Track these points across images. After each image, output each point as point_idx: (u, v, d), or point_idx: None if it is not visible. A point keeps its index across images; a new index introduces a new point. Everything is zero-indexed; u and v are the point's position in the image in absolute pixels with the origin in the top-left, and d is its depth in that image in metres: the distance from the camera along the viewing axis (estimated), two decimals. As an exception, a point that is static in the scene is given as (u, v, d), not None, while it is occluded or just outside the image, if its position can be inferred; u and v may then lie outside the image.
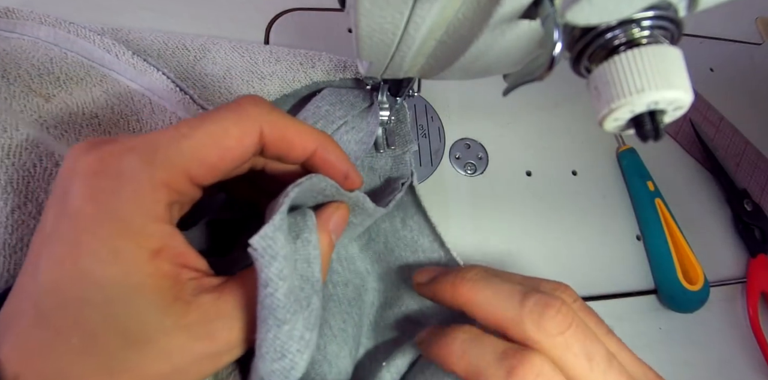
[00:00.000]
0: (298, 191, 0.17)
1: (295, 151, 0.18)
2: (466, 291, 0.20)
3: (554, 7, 0.13)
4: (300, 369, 0.16)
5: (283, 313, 0.15)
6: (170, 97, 0.26)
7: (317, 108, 0.29)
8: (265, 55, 0.30)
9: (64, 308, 0.14)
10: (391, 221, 0.28)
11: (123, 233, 0.14)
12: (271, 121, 0.17)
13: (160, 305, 0.15)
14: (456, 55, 0.18)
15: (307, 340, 0.16)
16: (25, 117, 0.22)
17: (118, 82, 0.26)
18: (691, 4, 0.14)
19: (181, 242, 0.16)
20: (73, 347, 0.14)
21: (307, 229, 0.18)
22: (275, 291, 0.15)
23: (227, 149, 0.16)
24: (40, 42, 0.26)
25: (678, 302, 0.34)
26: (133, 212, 0.15)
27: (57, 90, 0.24)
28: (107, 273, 0.14)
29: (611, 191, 0.38)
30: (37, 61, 0.25)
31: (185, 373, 0.15)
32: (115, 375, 0.14)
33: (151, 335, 0.14)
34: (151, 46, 0.28)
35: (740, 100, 0.48)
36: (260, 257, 0.15)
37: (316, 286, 0.18)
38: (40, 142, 0.22)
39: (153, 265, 0.15)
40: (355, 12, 0.16)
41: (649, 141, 0.14)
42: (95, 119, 0.24)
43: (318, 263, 0.18)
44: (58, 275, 0.14)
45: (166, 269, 0.15)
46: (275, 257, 0.15)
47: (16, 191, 0.20)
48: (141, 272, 0.14)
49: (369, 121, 0.30)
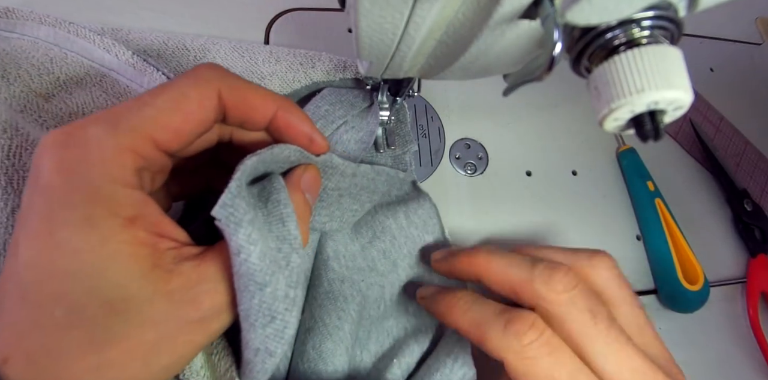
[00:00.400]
0: (256, 160, 0.17)
1: (256, 113, 0.19)
2: (482, 260, 0.22)
3: (554, 7, 0.13)
4: (292, 328, 0.16)
5: (262, 276, 0.15)
6: None
7: (317, 108, 0.29)
8: (265, 55, 0.30)
9: (44, 281, 0.14)
10: (395, 218, 0.28)
11: (93, 199, 0.14)
12: (229, 84, 0.17)
13: (140, 272, 0.15)
14: (456, 55, 0.18)
15: (293, 298, 0.16)
16: (25, 117, 0.22)
17: (118, 82, 0.26)
18: (691, 4, 0.14)
19: (156, 211, 0.16)
20: (57, 321, 0.14)
21: (275, 190, 0.18)
22: (249, 256, 0.15)
23: (188, 112, 0.16)
24: (40, 42, 0.26)
25: (678, 302, 0.34)
26: (101, 178, 0.15)
27: (57, 90, 0.24)
28: (82, 242, 0.14)
29: (611, 191, 0.38)
30: (37, 61, 0.25)
31: (174, 340, 0.15)
32: (103, 347, 0.14)
33: (133, 303, 0.14)
34: (151, 46, 0.28)
35: (740, 100, 0.48)
36: (225, 226, 0.15)
37: (294, 244, 0.18)
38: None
39: (129, 233, 0.15)
40: (355, 12, 0.16)
41: (649, 141, 0.14)
42: None
43: (293, 221, 0.18)
44: (36, 249, 0.14)
45: (142, 237, 0.15)
46: (240, 224, 0.15)
47: (16, 191, 0.20)
48: (117, 240, 0.14)
49: (369, 120, 0.30)
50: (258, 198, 0.18)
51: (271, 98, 0.19)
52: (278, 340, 0.16)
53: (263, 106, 0.19)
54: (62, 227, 0.14)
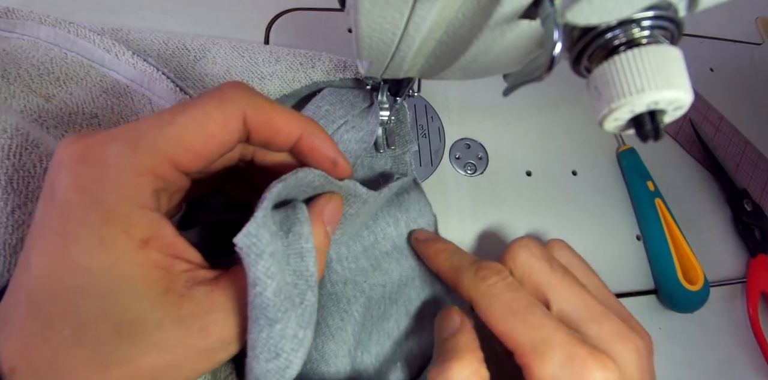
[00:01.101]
0: (282, 186, 0.17)
1: (280, 136, 0.18)
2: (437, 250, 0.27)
3: (554, 7, 0.13)
4: (295, 368, 0.16)
5: (274, 312, 0.15)
6: (170, 97, 0.26)
7: (317, 108, 0.29)
8: (265, 55, 0.30)
9: (56, 298, 0.14)
10: (397, 226, 0.28)
11: (109, 220, 0.14)
12: (254, 105, 0.17)
13: (151, 296, 0.14)
14: (456, 55, 0.18)
15: (301, 338, 0.16)
16: (25, 117, 0.22)
17: (118, 82, 0.26)
18: (691, 4, 0.14)
19: (171, 232, 0.16)
20: (65, 338, 0.14)
21: (298, 222, 0.18)
22: (264, 290, 0.15)
23: (211, 134, 0.16)
24: (40, 42, 0.26)
25: (678, 302, 0.34)
26: (118, 199, 0.14)
27: (57, 90, 0.24)
28: (96, 262, 0.14)
29: (611, 191, 0.38)
30: (37, 61, 0.25)
31: (179, 368, 0.15)
32: (108, 368, 0.14)
33: (142, 327, 0.14)
34: (151, 46, 0.28)
35: (740, 100, 0.48)
36: (246, 256, 0.15)
37: (310, 281, 0.17)
38: (41, 142, 0.22)
39: (142, 254, 0.15)
40: (355, 12, 0.16)
41: (649, 141, 0.14)
42: (95, 119, 0.24)
43: (312, 257, 0.18)
44: (49, 265, 0.14)
45: (156, 259, 0.15)
46: (261, 255, 0.15)
47: (16, 191, 0.20)
48: (130, 262, 0.14)
49: (369, 120, 0.30)
50: (280, 226, 0.18)
51: (296, 121, 0.18)
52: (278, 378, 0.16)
53: (288, 128, 0.18)
54: (76, 246, 0.14)
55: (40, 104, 0.23)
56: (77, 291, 0.14)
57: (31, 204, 0.20)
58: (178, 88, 0.26)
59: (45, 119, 0.23)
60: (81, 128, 0.24)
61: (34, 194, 0.21)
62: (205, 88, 0.28)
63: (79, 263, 0.14)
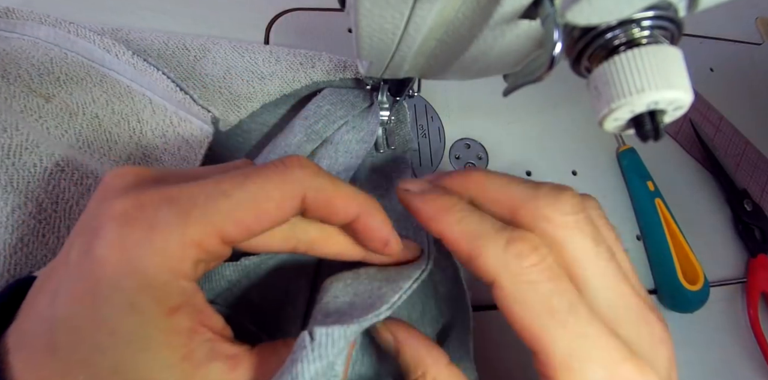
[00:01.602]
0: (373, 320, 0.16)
1: (337, 216, 0.18)
2: (480, 178, 0.19)
3: (554, 7, 0.13)
4: None
5: None
6: (171, 97, 0.26)
7: (318, 107, 0.29)
8: (265, 55, 0.30)
9: (76, 346, 0.14)
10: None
11: (144, 288, 0.14)
12: (316, 186, 0.17)
13: (168, 362, 0.14)
14: (456, 55, 0.18)
15: None
16: (25, 117, 0.22)
17: (119, 82, 0.26)
18: (691, 4, 0.14)
19: (201, 301, 0.16)
20: None
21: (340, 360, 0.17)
22: None
23: (265, 211, 0.16)
24: (40, 42, 0.26)
25: (678, 302, 0.34)
26: (159, 267, 0.14)
27: (57, 90, 0.24)
28: (121, 326, 0.14)
29: (611, 191, 0.38)
30: (37, 61, 0.25)
31: None
32: None
33: None
34: (151, 46, 0.28)
35: (740, 100, 0.48)
36: (308, 350, 0.14)
37: None
38: (41, 142, 0.22)
39: (169, 321, 0.15)
40: (355, 12, 0.16)
41: (649, 141, 0.14)
42: (96, 120, 0.24)
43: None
44: (76, 311, 0.14)
45: (182, 326, 0.15)
46: (321, 358, 0.14)
47: (16, 191, 0.20)
48: (155, 326, 0.14)
49: (369, 120, 0.30)
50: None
51: (355, 202, 0.18)
52: None
53: (346, 209, 0.18)
54: (105, 305, 0.14)
55: (40, 104, 0.23)
56: (98, 346, 0.14)
57: (31, 204, 0.20)
58: (179, 89, 0.26)
59: (45, 119, 0.23)
60: (81, 128, 0.24)
61: (34, 193, 0.21)
62: (205, 88, 0.28)
63: (106, 321, 0.14)
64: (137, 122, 0.25)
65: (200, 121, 0.27)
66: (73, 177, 0.22)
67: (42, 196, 0.21)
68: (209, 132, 0.27)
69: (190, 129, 0.26)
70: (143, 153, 0.25)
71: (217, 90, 0.28)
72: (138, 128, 0.25)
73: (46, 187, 0.21)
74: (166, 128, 0.26)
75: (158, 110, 0.26)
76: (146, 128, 0.25)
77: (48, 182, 0.21)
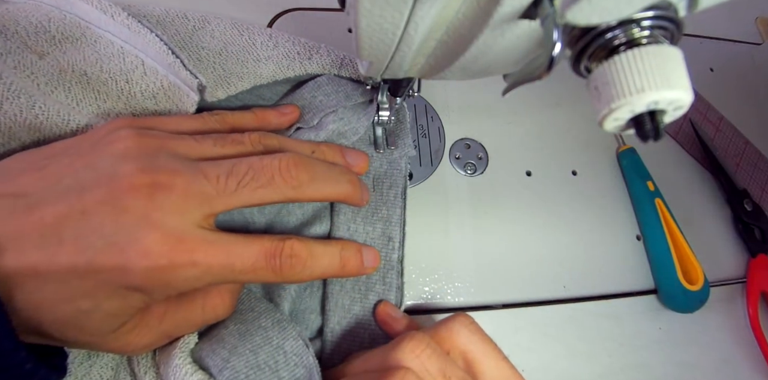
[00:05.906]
0: None
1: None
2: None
3: (554, 7, 0.13)
4: None
5: None
6: (163, 59, 0.26)
7: (313, 97, 0.29)
8: (264, 39, 0.29)
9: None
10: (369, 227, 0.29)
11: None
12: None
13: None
14: (456, 55, 0.18)
15: None
16: (17, 73, 0.23)
17: (112, 43, 0.26)
18: (691, 4, 0.14)
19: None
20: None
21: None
22: None
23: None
24: (43, 5, 0.27)
25: (678, 302, 0.34)
26: None
27: (51, 48, 0.25)
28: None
29: (611, 191, 0.38)
30: (35, 20, 0.25)
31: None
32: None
33: None
34: (151, 12, 0.28)
35: (740, 100, 0.48)
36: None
37: None
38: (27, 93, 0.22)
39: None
40: (355, 12, 0.16)
41: (649, 141, 0.14)
42: (84, 77, 0.25)
43: None
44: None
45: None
46: None
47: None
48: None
49: (361, 118, 0.29)
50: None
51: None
52: None
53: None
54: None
55: (33, 61, 0.24)
56: None
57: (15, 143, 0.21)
58: (170, 51, 0.26)
59: (37, 75, 0.23)
60: (71, 85, 0.24)
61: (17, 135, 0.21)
62: (200, 60, 0.27)
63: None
64: (125, 83, 0.25)
65: (187, 87, 0.26)
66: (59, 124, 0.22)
67: (24, 137, 0.22)
68: (195, 100, 0.26)
69: (179, 94, 0.26)
70: (132, 114, 0.25)
71: (211, 65, 0.27)
72: (127, 89, 0.25)
73: (29, 132, 0.22)
74: (157, 90, 0.26)
75: (150, 72, 0.26)
76: (135, 89, 0.25)
77: (28, 129, 0.22)
